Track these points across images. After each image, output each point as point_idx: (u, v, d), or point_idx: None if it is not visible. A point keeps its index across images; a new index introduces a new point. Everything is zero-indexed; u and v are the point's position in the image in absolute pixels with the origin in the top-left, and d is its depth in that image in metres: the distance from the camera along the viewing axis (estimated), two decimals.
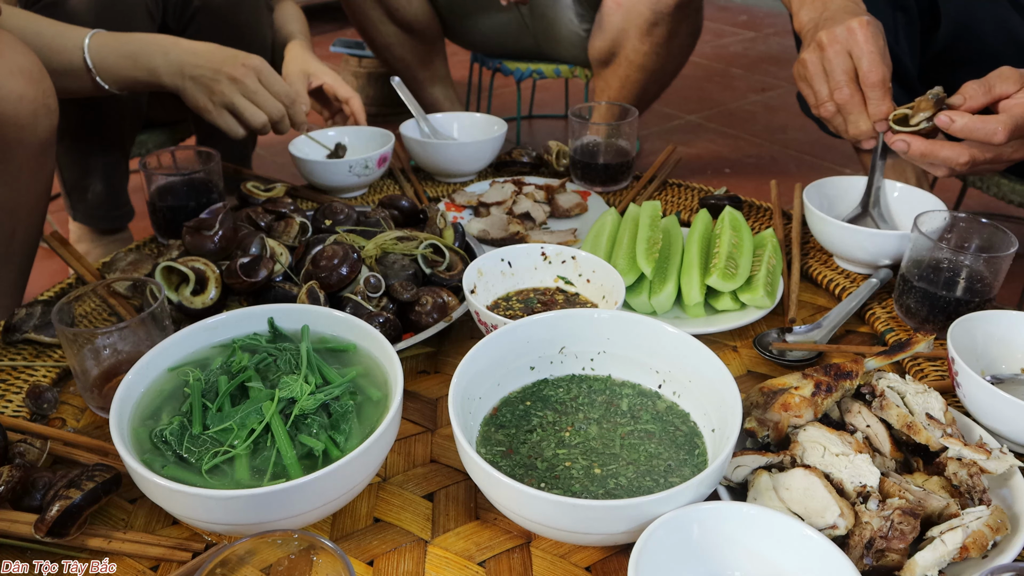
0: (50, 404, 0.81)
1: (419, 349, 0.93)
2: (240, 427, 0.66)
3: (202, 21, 1.35)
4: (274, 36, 1.47)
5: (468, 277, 0.90)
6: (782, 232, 1.13)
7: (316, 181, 1.29)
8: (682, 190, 1.33)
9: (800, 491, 0.64)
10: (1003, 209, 1.93)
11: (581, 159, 1.32)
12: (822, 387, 0.72)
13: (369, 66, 2.49)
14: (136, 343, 0.77)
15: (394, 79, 1.42)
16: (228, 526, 0.61)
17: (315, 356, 0.73)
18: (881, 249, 1.01)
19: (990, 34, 1.16)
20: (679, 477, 0.68)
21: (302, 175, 1.31)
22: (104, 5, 1.20)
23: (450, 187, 1.35)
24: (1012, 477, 0.68)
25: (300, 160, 1.28)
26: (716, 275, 0.95)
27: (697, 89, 2.90)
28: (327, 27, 3.80)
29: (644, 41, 1.63)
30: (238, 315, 0.78)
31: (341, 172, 1.26)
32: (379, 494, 0.73)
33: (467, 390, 0.71)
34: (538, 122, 2.65)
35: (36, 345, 0.90)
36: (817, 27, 0.98)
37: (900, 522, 0.60)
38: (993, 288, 0.89)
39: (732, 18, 3.88)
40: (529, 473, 0.68)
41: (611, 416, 0.75)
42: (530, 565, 0.66)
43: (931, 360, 0.89)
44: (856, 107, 0.98)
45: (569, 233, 1.15)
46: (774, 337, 0.94)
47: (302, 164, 1.28)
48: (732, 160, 2.33)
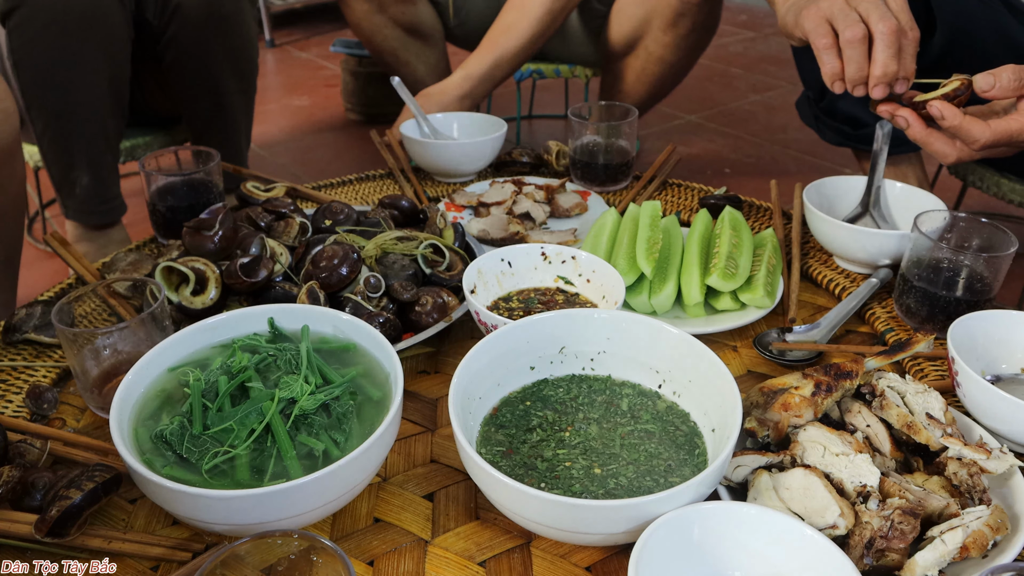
0: (50, 404, 0.81)
1: (419, 349, 0.93)
2: (240, 427, 0.66)
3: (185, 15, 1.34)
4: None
5: (468, 277, 0.90)
6: (782, 232, 1.13)
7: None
8: (682, 190, 1.33)
9: (800, 491, 0.64)
10: (1003, 209, 1.94)
11: (581, 159, 1.32)
12: (822, 387, 0.72)
13: (369, 66, 2.49)
14: (136, 343, 0.77)
15: (394, 79, 1.42)
16: (228, 526, 0.61)
17: (315, 356, 0.73)
18: (881, 249, 1.01)
19: (986, 38, 1.15)
20: (679, 477, 0.68)
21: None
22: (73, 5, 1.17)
23: (450, 187, 1.35)
24: (1012, 477, 0.68)
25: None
26: (716, 275, 0.95)
27: (697, 89, 2.90)
28: (327, 27, 3.81)
29: (668, 32, 1.62)
30: (238, 315, 0.78)
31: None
32: (379, 494, 0.73)
33: (467, 390, 0.71)
34: (538, 122, 2.65)
35: (36, 345, 0.90)
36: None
37: (900, 522, 0.60)
38: (993, 288, 0.89)
39: (732, 18, 3.88)
40: (529, 473, 0.68)
41: (611, 416, 0.75)
42: (530, 565, 0.66)
43: (931, 360, 0.89)
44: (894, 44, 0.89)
45: (569, 233, 1.15)
46: (774, 337, 0.94)
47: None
48: (732, 160, 2.33)
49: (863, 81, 0.92)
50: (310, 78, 3.17)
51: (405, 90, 1.40)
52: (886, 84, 0.91)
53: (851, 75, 0.92)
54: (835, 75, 0.93)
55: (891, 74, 0.90)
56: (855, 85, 0.92)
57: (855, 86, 0.92)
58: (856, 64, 0.91)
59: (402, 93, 1.39)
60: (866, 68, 0.91)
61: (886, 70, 0.89)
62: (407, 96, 1.39)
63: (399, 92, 1.40)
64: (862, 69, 0.91)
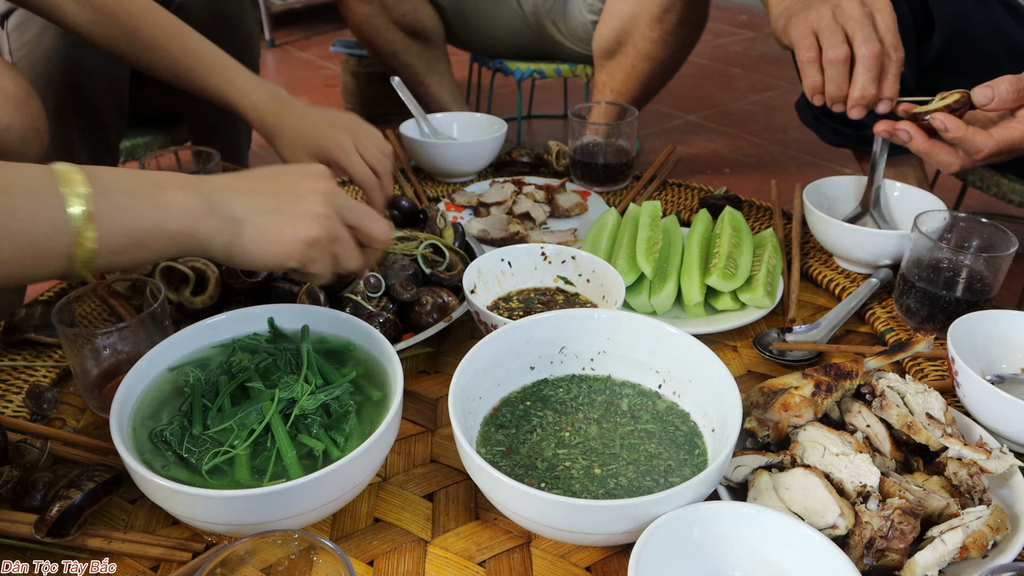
0: (50, 404, 0.81)
1: (419, 349, 0.93)
2: (240, 427, 0.66)
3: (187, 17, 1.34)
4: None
5: (468, 277, 0.90)
6: (782, 232, 1.13)
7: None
8: (682, 190, 1.33)
9: (800, 491, 0.64)
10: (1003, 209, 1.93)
11: (581, 159, 1.32)
12: (822, 387, 0.72)
13: (369, 66, 2.49)
14: (136, 343, 0.77)
15: (394, 79, 1.42)
16: (228, 526, 0.61)
17: (315, 356, 0.73)
18: (881, 249, 1.01)
19: (985, 39, 1.15)
20: (679, 477, 0.68)
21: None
22: None
23: (450, 187, 1.35)
24: (1012, 477, 0.68)
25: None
26: (716, 275, 0.95)
27: (697, 89, 2.90)
28: (327, 27, 3.81)
29: (654, 28, 1.63)
30: (238, 315, 0.78)
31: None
32: (379, 494, 0.73)
33: (467, 390, 0.71)
34: (538, 122, 2.65)
35: (36, 345, 0.90)
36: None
37: (900, 522, 0.60)
38: (993, 288, 0.89)
39: (732, 18, 3.88)
40: (529, 473, 0.68)
41: (611, 416, 0.75)
42: (530, 565, 0.66)
43: (931, 360, 0.89)
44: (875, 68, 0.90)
45: (569, 233, 1.15)
46: (774, 337, 0.94)
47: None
48: (732, 160, 2.33)
49: (842, 100, 0.93)
50: (310, 78, 3.17)
51: (405, 90, 1.40)
52: (863, 107, 0.92)
53: (830, 93, 0.93)
54: (815, 89, 0.94)
55: (869, 97, 0.91)
56: (834, 102, 0.94)
57: (834, 103, 0.94)
58: (836, 84, 0.92)
59: (402, 93, 1.39)
60: (845, 88, 0.92)
61: (864, 93, 0.91)
62: (407, 96, 1.39)
63: (399, 92, 1.40)
64: (841, 89, 0.92)
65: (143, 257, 0.62)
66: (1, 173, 0.55)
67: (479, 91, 2.28)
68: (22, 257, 0.55)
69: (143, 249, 0.61)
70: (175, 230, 0.61)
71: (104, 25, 1.01)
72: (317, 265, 0.69)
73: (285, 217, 0.66)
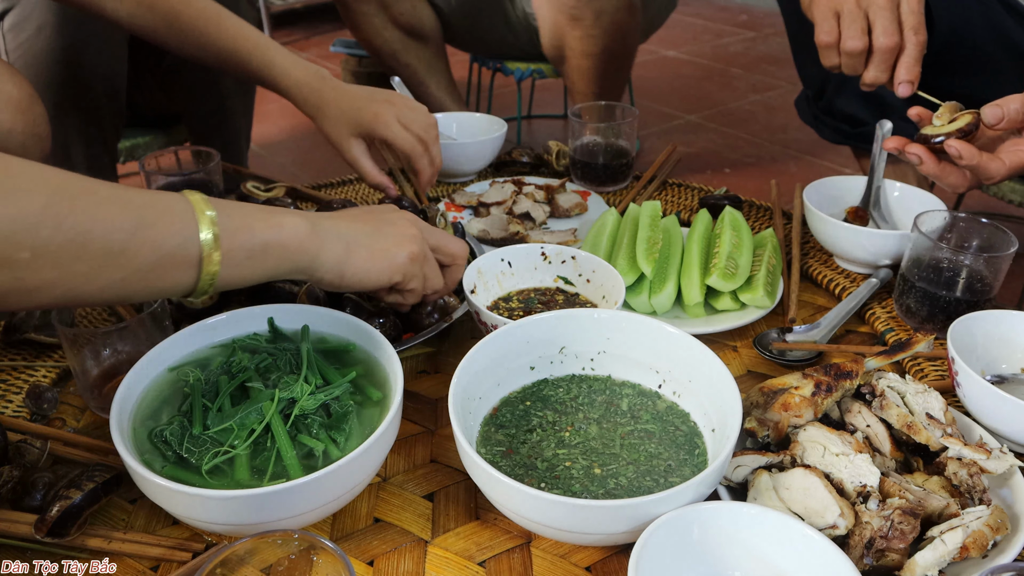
0: (50, 404, 0.81)
1: (419, 349, 0.93)
2: (240, 427, 0.66)
3: None
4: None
5: (468, 277, 0.90)
6: (782, 232, 1.13)
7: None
8: (682, 190, 1.33)
9: (800, 491, 0.64)
10: (1003, 209, 1.94)
11: (581, 159, 1.32)
12: (822, 387, 0.72)
13: (369, 66, 2.49)
14: (136, 343, 0.77)
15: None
16: (228, 526, 0.61)
17: (315, 356, 0.73)
18: (881, 249, 1.01)
19: (984, 38, 1.15)
20: (679, 477, 0.68)
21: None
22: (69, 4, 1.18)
23: (450, 187, 1.35)
24: (1012, 477, 0.68)
25: None
26: (716, 275, 0.95)
27: (697, 89, 2.90)
28: (327, 27, 3.81)
29: (576, 27, 1.62)
30: (238, 315, 0.78)
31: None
32: (379, 494, 0.73)
33: (467, 390, 0.71)
34: (538, 122, 2.65)
35: (36, 345, 0.90)
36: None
37: (900, 522, 0.60)
38: (993, 288, 0.89)
39: (732, 18, 3.88)
40: (529, 473, 0.68)
41: (611, 416, 0.75)
42: (530, 565, 0.66)
43: (931, 360, 0.89)
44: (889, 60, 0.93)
45: (569, 233, 1.15)
46: (774, 337, 0.94)
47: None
48: (732, 160, 2.33)
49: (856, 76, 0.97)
50: None
51: (405, 90, 1.40)
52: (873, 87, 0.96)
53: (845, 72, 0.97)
54: (831, 69, 0.98)
55: (879, 83, 0.95)
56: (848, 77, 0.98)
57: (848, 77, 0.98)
58: (850, 68, 0.96)
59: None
60: (860, 71, 0.95)
61: (875, 81, 0.94)
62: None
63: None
64: (856, 71, 0.96)
65: (259, 271, 0.65)
66: (142, 193, 0.60)
67: (479, 91, 2.28)
68: (158, 267, 0.58)
69: (260, 264, 0.64)
70: (290, 245, 0.65)
71: (143, 15, 1.02)
72: (416, 280, 0.76)
73: (385, 238, 0.73)
